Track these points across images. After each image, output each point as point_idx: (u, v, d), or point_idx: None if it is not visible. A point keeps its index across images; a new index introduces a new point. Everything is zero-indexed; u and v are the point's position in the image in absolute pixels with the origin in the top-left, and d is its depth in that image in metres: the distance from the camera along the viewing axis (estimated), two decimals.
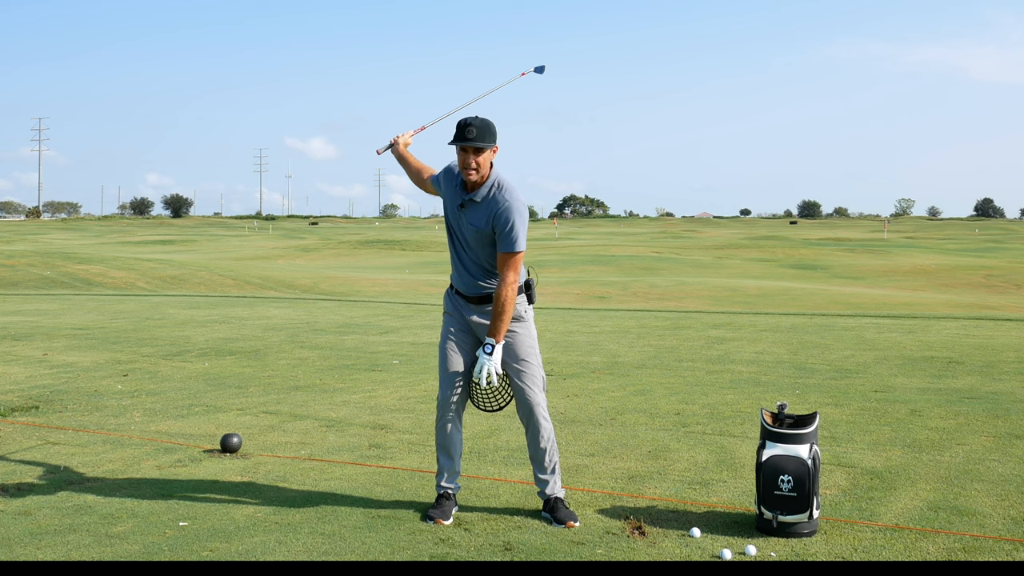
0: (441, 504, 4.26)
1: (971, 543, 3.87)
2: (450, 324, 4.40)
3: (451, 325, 4.40)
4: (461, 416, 4.36)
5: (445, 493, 4.32)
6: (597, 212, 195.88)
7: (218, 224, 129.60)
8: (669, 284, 29.78)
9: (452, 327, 4.39)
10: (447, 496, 4.31)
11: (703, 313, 15.13)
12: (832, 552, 3.78)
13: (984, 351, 9.69)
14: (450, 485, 4.35)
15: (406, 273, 37.68)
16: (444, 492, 4.32)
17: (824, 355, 9.47)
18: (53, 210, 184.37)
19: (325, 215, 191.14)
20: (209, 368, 8.71)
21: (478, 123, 4.14)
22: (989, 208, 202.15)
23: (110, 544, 3.85)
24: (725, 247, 61.09)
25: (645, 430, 6.01)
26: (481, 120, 4.16)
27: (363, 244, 61.47)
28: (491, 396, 4.40)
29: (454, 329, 4.38)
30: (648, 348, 10.17)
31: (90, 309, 15.26)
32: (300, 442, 5.71)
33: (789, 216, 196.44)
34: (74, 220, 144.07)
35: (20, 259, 31.33)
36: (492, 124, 4.19)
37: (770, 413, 4.20)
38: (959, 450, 5.44)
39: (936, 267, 41.49)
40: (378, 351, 9.95)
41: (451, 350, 4.34)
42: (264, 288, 26.86)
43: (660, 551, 3.79)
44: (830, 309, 18.62)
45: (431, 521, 4.15)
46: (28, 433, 5.91)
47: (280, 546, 3.83)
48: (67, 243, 61.11)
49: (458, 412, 4.33)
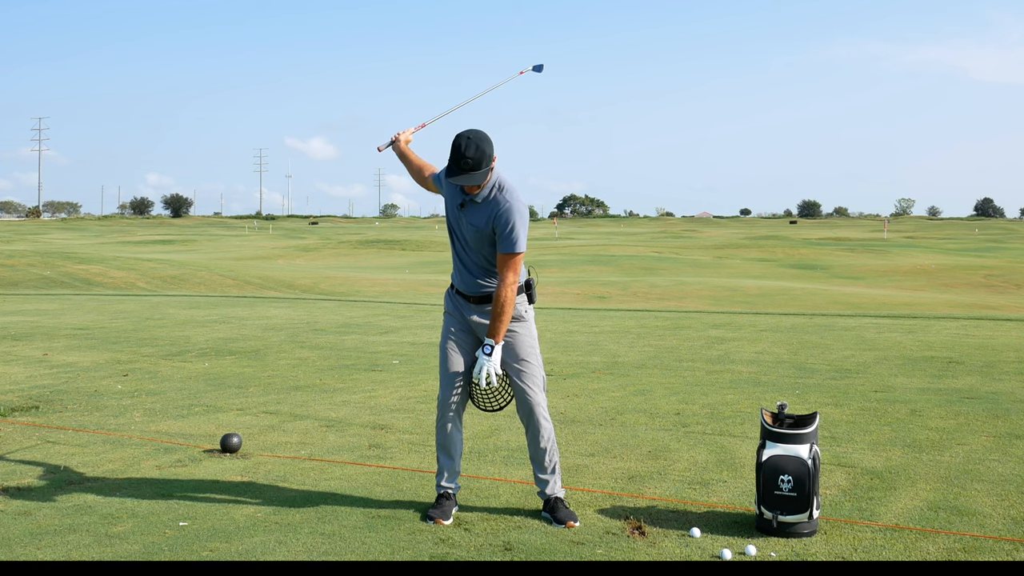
0: (441, 504, 4.26)
1: (971, 543, 3.87)
2: (450, 324, 4.40)
3: (451, 325, 4.39)
4: (461, 416, 4.36)
5: (445, 493, 4.32)
6: (597, 212, 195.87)
7: (218, 224, 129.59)
8: (669, 284, 29.78)
9: (452, 327, 4.38)
10: (447, 496, 4.31)
11: (703, 313, 15.13)
12: (832, 552, 3.78)
13: (984, 351, 9.69)
14: (450, 485, 4.35)
15: (406, 273, 37.68)
16: (444, 492, 4.32)
17: (824, 355, 9.47)
18: (53, 210, 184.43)
19: (325, 215, 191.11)
20: (209, 368, 8.71)
21: (472, 153, 4.02)
22: (989, 208, 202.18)
23: (110, 544, 3.85)
24: (725, 247, 61.08)
25: (645, 430, 6.01)
26: (475, 145, 4.03)
27: (363, 244, 61.45)
28: (491, 396, 4.39)
29: (454, 329, 4.37)
30: (648, 348, 10.17)
31: (90, 309, 15.27)
32: (300, 442, 5.71)
33: (789, 216, 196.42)
34: (74, 220, 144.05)
35: (20, 259, 31.33)
36: (486, 141, 4.07)
37: (770, 413, 4.20)
38: (959, 450, 5.44)
39: (936, 267, 41.48)
40: (378, 351, 9.95)
41: (451, 350, 4.33)
42: (264, 288, 26.86)
43: (660, 551, 3.79)
44: (830, 309, 18.62)
45: (431, 521, 4.15)
46: (28, 433, 5.91)
47: (280, 546, 3.83)
48: (67, 243, 61.11)
49: (458, 412, 4.33)
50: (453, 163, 4.07)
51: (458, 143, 4.06)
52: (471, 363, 4.32)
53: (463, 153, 4.03)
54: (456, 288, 4.41)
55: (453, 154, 4.07)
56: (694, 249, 58.88)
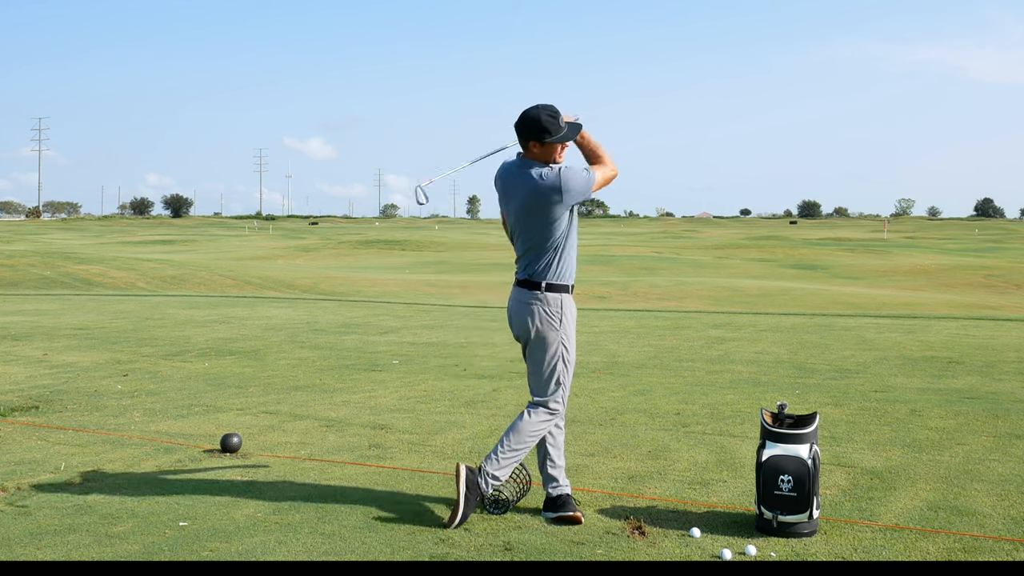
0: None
1: (971, 543, 3.87)
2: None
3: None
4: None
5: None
6: (597, 212, 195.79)
7: (218, 224, 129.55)
8: (669, 284, 29.78)
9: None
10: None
11: (703, 313, 15.13)
12: (832, 552, 3.78)
13: (984, 351, 9.69)
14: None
15: (406, 273, 37.67)
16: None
17: (824, 355, 9.47)
18: (53, 210, 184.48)
19: (325, 215, 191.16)
20: (209, 368, 8.71)
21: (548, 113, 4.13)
22: (989, 208, 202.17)
23: (110, 544, 3.85)
24: (725, 247, 61.08)
25: (645, 430, 6.01)
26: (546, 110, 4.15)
27: (363, 244, 61.44)
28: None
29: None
30: (648, 348, 10.17)
31: (90, 309, 15.26)
32: (300, 442, 5.71)
33: (789, 216, 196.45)
34: (74, 220, 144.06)
35: (20, 259, 31.33)
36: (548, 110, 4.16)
37: (770, 413, 4.20)
38: (959, 450, 5.44)
39: (936, 267, 41.48)
40: (378, 351, 9.95)
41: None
42: (264, 288, 26.85)
43: (660, 551, 3.79)
44: (830, 309, 18.61)
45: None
46: (28, 433, 5.91)
47: (280, 546, 3.83)
48: (67, 243, 61.10)
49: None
50: (554, 121, 4.12)
51: (531, 113, 4.14)
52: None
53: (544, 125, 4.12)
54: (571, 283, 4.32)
55: (538, 120, 4.11)
56: (694, 249, 58.88)
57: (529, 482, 4.44)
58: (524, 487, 4.41)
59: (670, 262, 45.10)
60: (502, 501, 4.28)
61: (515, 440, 4.19)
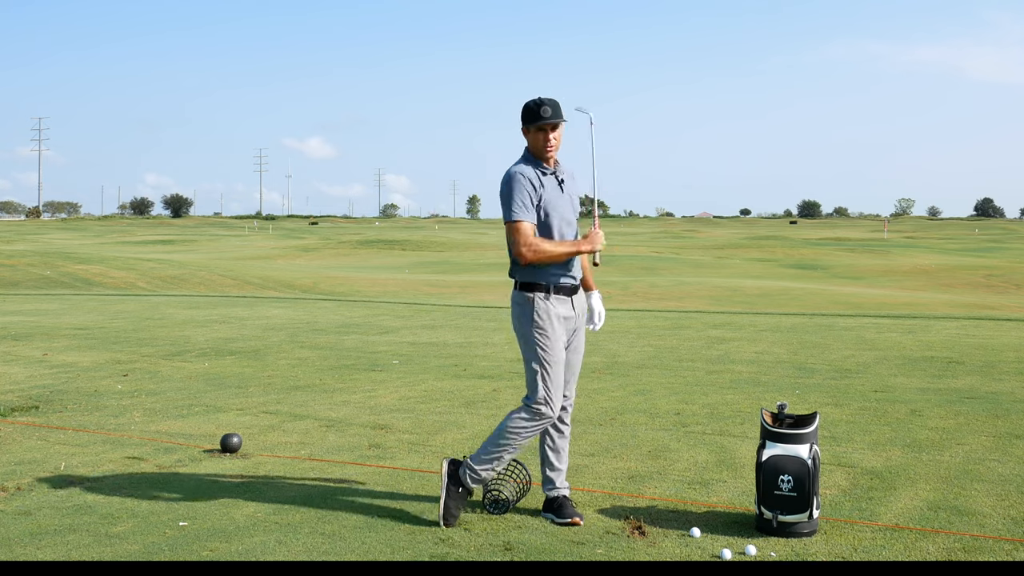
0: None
1: (971, 543, 3.87)
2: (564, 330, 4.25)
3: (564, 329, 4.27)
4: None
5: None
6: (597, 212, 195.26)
7: (218, 224, 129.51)
8: (669, 284, 29.77)
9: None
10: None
11: (703, 313, 15.13)
12: (832, 552, 3.78)
13: (984, 351, 9.68)
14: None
15: (406, 273, 37.67)
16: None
17: (824, 355, 9.47)
18: (53, 210, 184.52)
19: (325, 215, 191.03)
20: (209, 368, 8.71)
21: (550, 101, 4.17)
22: (989, 208, 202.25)
23: (110, 544, 3.85)
24: (725, 247, 61.07)
25: (645, 430, 6.01)
26: (550, 99, 4.18)
27: (363, 244, 61.42)
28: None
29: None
30: (648, 348, 10.17)
31: (90, 309, 15.26)
32: (300, 442, 5.71)
33: (789, 216, 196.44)
34: (74, 220, 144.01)
35: (20, 259, 31.33)
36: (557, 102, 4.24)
37: (770, 413, 4.20)
38: (959, 450, 5.44)
39: (936, 267, 41.46)
40: (378, 351, 9.95)
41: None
42: (264, 288, 26.85)
43: (660, 551, 3.79)
44: (830, 309, 18.61)
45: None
46: (28, 433, 5.91)
47: (280, 546, 3.83)
48: (67, 243, 61.09)
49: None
50: (534, 113, 4.14)
51: (535, 100, 4.17)
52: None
53: (541, 101, 4.16)
54: (567, 285, 4.22)
55: (532, 108, 4.16)
56: (694, 249, 58.88)
57: (529, 482, 4.44)
58: (524, 487, 4.42)
59: (670, 262, 45.09)
60: (502, 501, 4.29)
61: (496, 439, 4.19)
